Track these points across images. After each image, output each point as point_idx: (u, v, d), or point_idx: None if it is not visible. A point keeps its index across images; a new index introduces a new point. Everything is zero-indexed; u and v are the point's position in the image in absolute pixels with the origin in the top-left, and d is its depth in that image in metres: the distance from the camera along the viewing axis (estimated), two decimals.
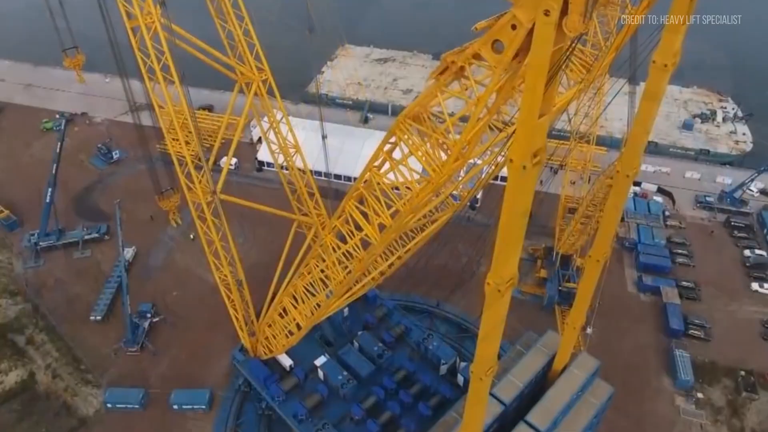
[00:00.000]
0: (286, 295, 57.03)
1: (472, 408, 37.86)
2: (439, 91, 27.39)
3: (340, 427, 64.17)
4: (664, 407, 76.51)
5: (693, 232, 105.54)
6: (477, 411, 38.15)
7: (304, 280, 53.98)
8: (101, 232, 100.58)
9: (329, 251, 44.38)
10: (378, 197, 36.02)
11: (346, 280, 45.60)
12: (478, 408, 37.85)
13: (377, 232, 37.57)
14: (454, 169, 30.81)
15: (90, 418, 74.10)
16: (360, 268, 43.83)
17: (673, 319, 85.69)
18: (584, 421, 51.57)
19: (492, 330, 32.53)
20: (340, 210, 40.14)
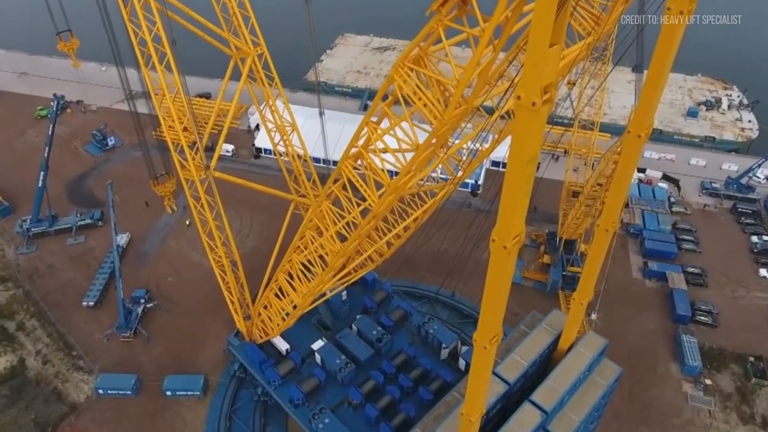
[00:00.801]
0: (281, 272, 54.98)
1: (475, 381, 35.72)
2: (440, 26, 25.26)
3: (337, 412, 62.10)
4: (671, 394, 74.42)
5: (699, 219, 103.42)
6: (480, 384, 35.98)
7: (300, 255, 52.00)
8: (95, 218, 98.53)
9: (325, 219, 42.29)
10: (376, 155, 34.04)
11: (343, 250, 43.55)
12: (482, 381, 35.69)
13: (375, 194, 35.51)
14: (455, 118, 28.69)
15: (81, 404, 72.06)
16: (357, 237, 41.81)
17: (680, 304, 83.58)
18: (591, 401, 49.47)
19: (497, 293, 30.23)
20: (336, 173, 38.07)
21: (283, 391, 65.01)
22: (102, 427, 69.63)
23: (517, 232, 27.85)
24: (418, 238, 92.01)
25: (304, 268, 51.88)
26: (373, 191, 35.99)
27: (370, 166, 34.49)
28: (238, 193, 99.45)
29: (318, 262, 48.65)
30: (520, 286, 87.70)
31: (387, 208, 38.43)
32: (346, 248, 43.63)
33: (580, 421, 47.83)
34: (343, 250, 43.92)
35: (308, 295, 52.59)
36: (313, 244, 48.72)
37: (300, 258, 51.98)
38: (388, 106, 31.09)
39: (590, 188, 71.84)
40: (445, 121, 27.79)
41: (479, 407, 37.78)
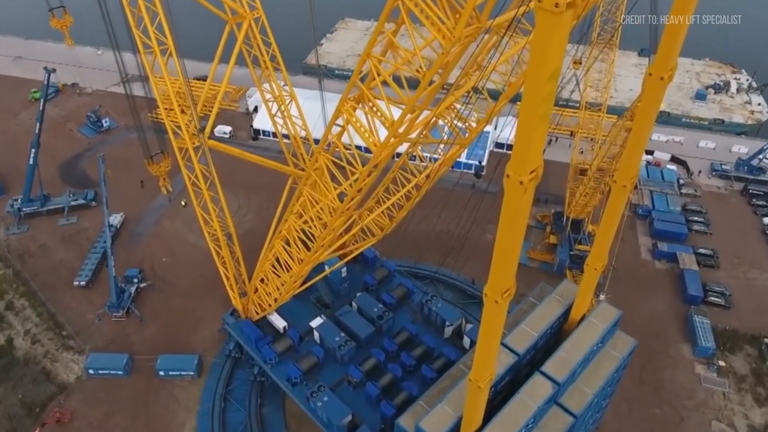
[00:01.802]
0: (278, 239, 52.21)
1: (485, 341, 32.93)
2: None
3: (337, 391, 59.37)
4: (683, 375, 71.68)
5: (709, 201, 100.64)
6: (490, 345, 33.18)
7: (299, 221, 49.31)
8: (88, 198, 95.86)
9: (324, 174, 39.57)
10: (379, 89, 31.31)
11: (342, 207, 40.86)
12: (492, 341, 32.89)
13: (376, 136, 32.78)
14: (466, 38, 25.85)
15: (70, 384, 69.41)
16: (356, 193, 39.12)
17: (692, 285, 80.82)
18: (605, 374, 46.74)
19: (510, 238, 27.41)
20: (335, 114, 35.27)
21: (280, 369, 62.27)
22: (92, 407, 66.93)
23: (534, 166, 25.11)
24: (420, 220, 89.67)
25: (302, 234, 49.09)
26: (373, 135, 33.26)
27: (373, 104, 31.75)
28: (236, 175, 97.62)
29: (317, 224, 45.88)
30: (526, 267, 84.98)
31: (388, 155, 35.61)
32: (345, 205, 40.90)
33: (594, 394, 45.13)
34: (342, 207, 41.19)
35: (306, 263, 49.81)
36: (313, 207, 45.96)
37: (298, 223, 49.23)
38: None
39: (600, 159, 69.05)
40: (456, 38, 24.97)
41: (489, 372, 35.01)
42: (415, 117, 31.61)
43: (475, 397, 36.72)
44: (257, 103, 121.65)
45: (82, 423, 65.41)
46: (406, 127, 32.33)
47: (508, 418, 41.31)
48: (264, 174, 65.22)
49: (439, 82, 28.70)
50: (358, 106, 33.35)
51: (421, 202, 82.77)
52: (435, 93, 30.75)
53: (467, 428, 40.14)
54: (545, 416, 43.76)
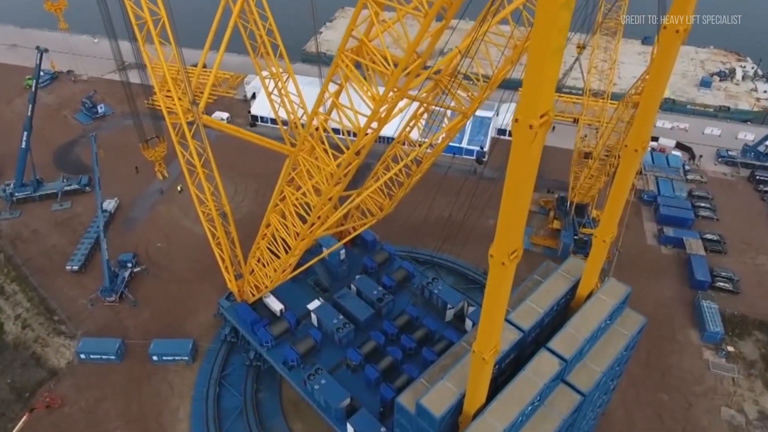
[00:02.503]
0: (273, 212, 50.30)
1: (490, 307, 31.01)
2: None
3: (335, 374, 57.49)
4: (691, 361, 69.76)
5: (716, 187, 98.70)
6: (496, 312, 31.30)
7: (295, 195, 47.42)
8: (82, 183, 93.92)
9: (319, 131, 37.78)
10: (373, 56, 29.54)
11: (339, 172, 38.99)
12: (498, 308, 30.99)
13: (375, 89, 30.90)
14: None
15: (61, 369, 67.49)
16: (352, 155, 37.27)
17: (699, 270, 78.88)
18: (614, 352, 44.84)
19: (519, 189, 25.54)
20: (332, 68, 33.39)
21: (276, 352, 60.42)
22: (83, 392, 65.04)
23: (545, 108, 23.34)
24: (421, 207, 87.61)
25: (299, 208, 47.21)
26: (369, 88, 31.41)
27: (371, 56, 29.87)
28: (233, 162, 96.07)
29: (312, 192, 44.01)
30: (529, 252, 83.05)
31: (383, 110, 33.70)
32: (342, 170, 39.05)
33: (602, 372, 43.20)
34: (339, 172, 39.30)
35: (302, 237, 47.88)
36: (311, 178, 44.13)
37: (296, 195, 47.33)
38: None
39: (607, 137, 67.11)
40: None
41: (494, 343, 33.17)
42: None
43: (480, 371, 34.85)
44: (255, 90, 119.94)
45: (72, 408, 63.50)
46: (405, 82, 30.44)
47: (513, 396, 39.46)
48: (261, 161, 63.60)
49: None
50: (356, 58, 31.45)
51: (422, 188, 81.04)
52: None
53: (470, 405, 38.28)
54: (552, 394, 41.89)
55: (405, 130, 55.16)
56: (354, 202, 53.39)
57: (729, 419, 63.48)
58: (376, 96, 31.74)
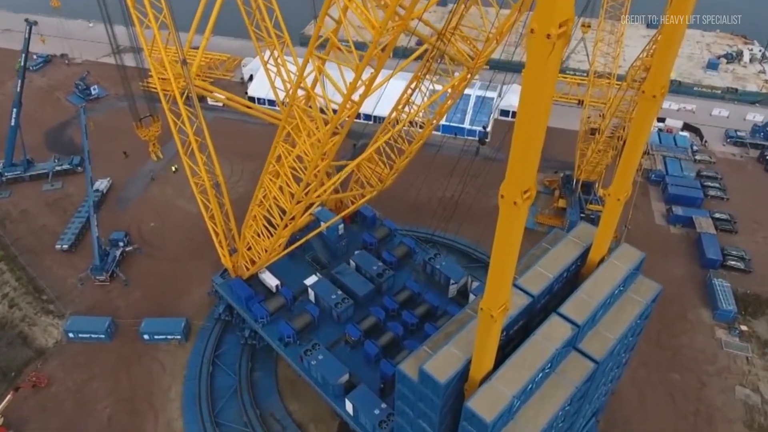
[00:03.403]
0: (269, 174, 47.69)
1: (500, 257, 28.21)
2: None
3: (333, 351, 54.92)
4: (703, 340, 67.22)
5: (725, 167, 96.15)
6: (506, 262, 28.50)
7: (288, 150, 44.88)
8: (74, 163, 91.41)
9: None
10: None
11: (335, 119, 36.54)
12: (508, 256, 28.15)
13: None
14: None
15: (49, 348, 64.97)
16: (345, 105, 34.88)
17: (710, 248, 76.36)
18: (628, 320, 42.13)
19: (534, 114, 22.82)
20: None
21: (271, 329, 57.89)
22: (71, 372, 62.52)
23: (564, 17, 20.66)
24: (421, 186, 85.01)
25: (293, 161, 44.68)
26: None
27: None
28: (230, 144, 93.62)
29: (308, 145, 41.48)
30: (534, 232, 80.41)
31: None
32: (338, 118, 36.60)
33: (616, 340, 40.53)
34: (335, 120, 36.83)
35: (297, 199, 45.27)
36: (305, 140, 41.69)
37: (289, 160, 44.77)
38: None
39: (617, 106, 64.43)
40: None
41: (503, 298, 30.47)
42: None
43: (488, 331, 32.13)
44: (252, 72, 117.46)
45: (59, 388, 60.99)
46: None
47: (522, 361, 36.82)
48: (257, 143, 61.53)
49: None
50: None
51: (423, 169, 78.63)
52: None
53: (477, 371, 35.65)
54: (563, 362, 39.26)
55: (407, 92, 52.68)
56: (354, 163, 51.02)
57: (744, 399, 60.94)
58: (374, 21, 29.31)
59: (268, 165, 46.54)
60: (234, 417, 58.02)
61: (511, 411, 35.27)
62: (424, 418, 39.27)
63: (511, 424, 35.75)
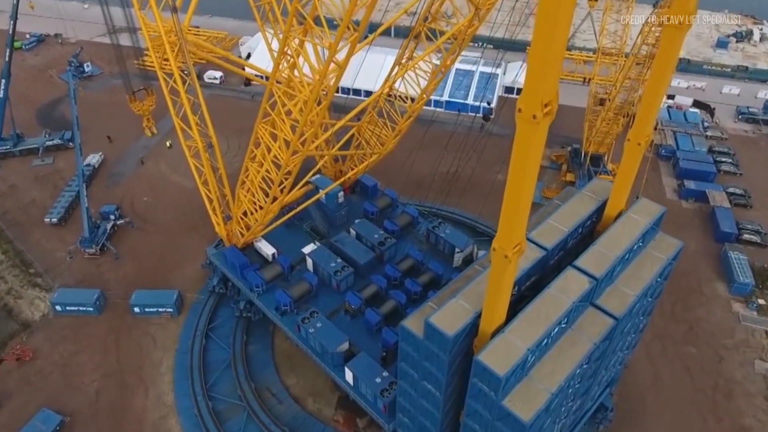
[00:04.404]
0: (263, 123, 44.73)
1: (517, 179, 25.04)
2: None
3: (332, 320, 51.98)
4: (719, 314, 64.29)
5: (737, 143, 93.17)
6: (523, 185, 25.26)
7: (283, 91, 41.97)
8: (65, 138, 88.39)
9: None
10: None
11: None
12: (526, 179, 24.95)
13: None
14: None
15: (35, 322, 62.09)
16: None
17: (724, 222, 73.43)
18: (648, 276, 39.18)
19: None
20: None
21: (268, 298, 54.98)
22: (57, 346, 59.63)
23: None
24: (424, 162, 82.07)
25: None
26: None
27: None
28: (227, 120, 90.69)
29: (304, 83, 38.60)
30: (541, 206, 77.13)
31: None
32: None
33: (636, 296, 37.55)
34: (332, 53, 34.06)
35: (293, 148, 42.32)
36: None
37: (284, 103, 41.84)
38: None
39: (628, 68, 61.44)
40: None
41: (518, 235, 27.51)
42: None
43: (501, 274, 29.15)
44: (250, 50, 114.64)
45: (45, 362, 58.08)
46: None
47: (537, 314, 33.88)
48: (253, 119, 58.30)
49: None
50: None
51: (426, 145, 75.29)
52: None
53: (488, 323, 32.71)
54: (580, 318, 36.30)
55: (409, 45, 49.81)
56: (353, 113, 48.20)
57: (764, 373, 58.02)
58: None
59: (263, 109, 43.54)
60: (228, 391, 55.12)
61: (525, 366, 32.36)
62: (430, 379, 36.37)
63: (525, 381, 32.81)
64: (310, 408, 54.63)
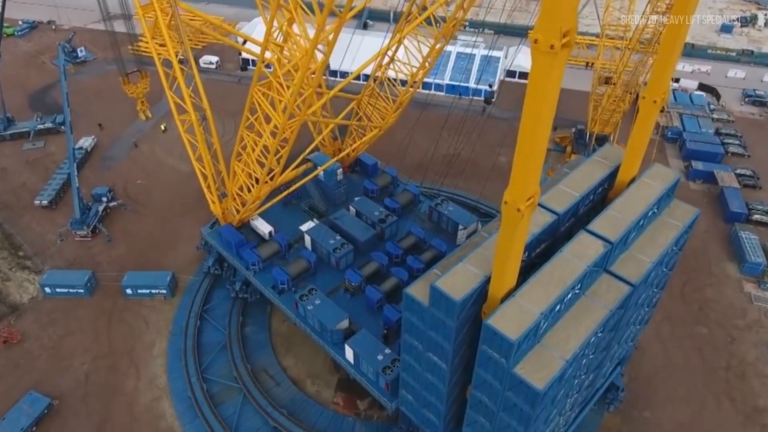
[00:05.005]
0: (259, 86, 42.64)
1: (531, 123, 23.14)
2: None
3: (332, 298, 49.90)
4: (731, 294, 62.40)
5: (744, 126, 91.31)
6: (537, 134, 23.42)
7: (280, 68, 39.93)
8: (57, 122, 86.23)
9: None
10: None
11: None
12: (541, 122, 23.06)
13: None
14: None
15: (23, 304, 60.00)
16: None
17: (734, 202, 71.58)
18: (664, 242, 37.19)
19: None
20: None
21: (264, 276, 52.90)
22: (46, 328, 57.54)
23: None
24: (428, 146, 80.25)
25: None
26: None
27: None
28: (223, 103, 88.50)
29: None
30: None
31: None
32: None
33: (653, 263, 35.56)
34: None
35: (290, 111, 40.27)
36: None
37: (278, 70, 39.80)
38: None
39: (638, 39, 59.42)
40: None
41: (531, 187, 25.50)
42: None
43: (513, 230, 27.09)
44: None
45: (33, 344, 55.98)
46: None
47: (549, 278, 31.90)
48: None
49: None
50: None
51: (428, 129, 73.49)
52: None
53: (498, 287, 30.70)
54: (593, 285, 34.29)
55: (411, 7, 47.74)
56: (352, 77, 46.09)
57: None
58: None
59: (258, 73, 41.46)
60: (223, 372, 53.06)
61: (537, 332, 30.35)
62: (436, 350, 34.34)
63: (537, 348, 30.79)
64: (309, 390, 52.59)
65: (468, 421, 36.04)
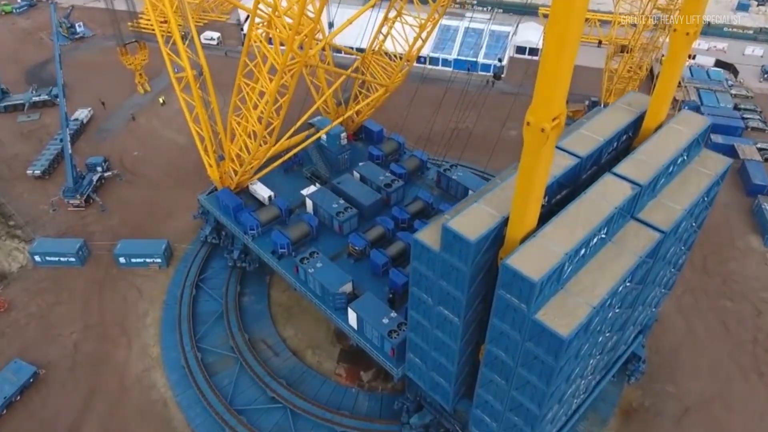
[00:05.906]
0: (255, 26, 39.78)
1: (559, 25, 20.06)
2: None
3: (336, 263, 47.02)
4: (755, 267, 59.26)
5: (764, 102, 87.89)
6: (568, 37, 20.25)
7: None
8: (52, 94, 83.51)
9: None
10: None
11: None
12: (571, 28, 19.96)
13: None
14: None
15: (12, 273, 57.37)
16: None
17: (756, 175, 68.47)
18: (695, 191, 34.06)
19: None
20: None
21: (263, 241, 50.03)
22: (35, 297, 54.89)
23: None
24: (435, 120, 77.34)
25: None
26: None
27: None
28: (223, 77, 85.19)
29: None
30: None
31: None
32: None
33: (684, 210, 32.45)
34: None
35: (288, 51, 37.37)
36: None
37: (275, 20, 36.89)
38: None
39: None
40: None
41: (557, 105, 22.18)
42: None
43: (536, 155, 23.79)
44: (248, 13, 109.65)
45: (20, 313, 53.31)
46: None
47: (574, 219, 28.84)
48: None
49: None
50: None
51: (437, 103, 70.27)
52: None
53: (517, 229, 27.64)
54: (620, 232, 31.21)
55: None
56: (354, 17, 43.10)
57: None
58: None
59: (254, 14, 38.58)
60: (219, 342, 50.25)
61: (561, 275, 27.30)
62: (447, 303, 31.30)
63: (560, 293, 27.73)
64: (310, 361, 49.69)
65: (481, 382, 32.99)
